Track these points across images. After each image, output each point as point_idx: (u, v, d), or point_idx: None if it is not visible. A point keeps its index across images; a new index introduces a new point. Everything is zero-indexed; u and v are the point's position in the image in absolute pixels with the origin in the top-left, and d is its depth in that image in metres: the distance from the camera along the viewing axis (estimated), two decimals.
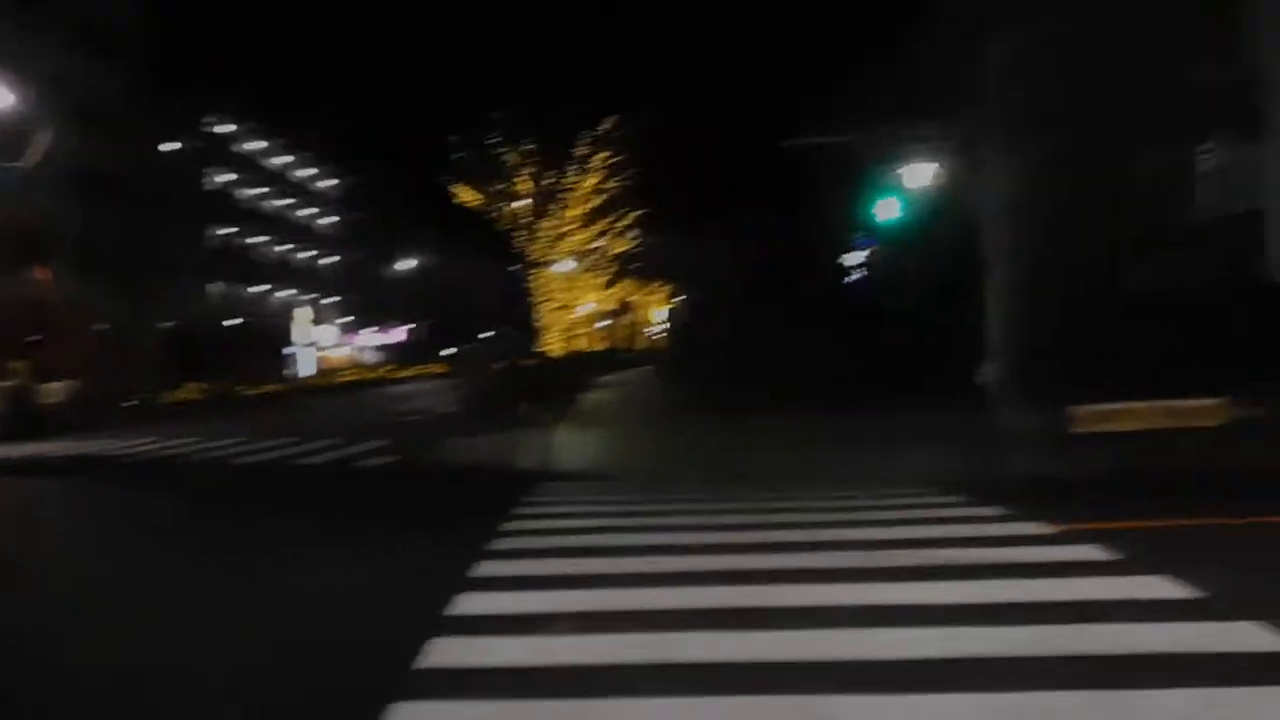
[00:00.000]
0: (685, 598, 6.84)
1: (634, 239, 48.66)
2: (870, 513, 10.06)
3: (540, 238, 41.46)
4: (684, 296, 45.54)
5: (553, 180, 40.46)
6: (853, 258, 41.41)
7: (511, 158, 39.72)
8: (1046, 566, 7.46)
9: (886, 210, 18.81)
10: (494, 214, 41.30)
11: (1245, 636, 5.69)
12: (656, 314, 69.84)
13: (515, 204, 40.50)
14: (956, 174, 19.23)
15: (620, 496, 12.04)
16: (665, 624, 6.23)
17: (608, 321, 67.58)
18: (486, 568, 8.02)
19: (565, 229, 41.72)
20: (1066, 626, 5.92)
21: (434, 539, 9.75)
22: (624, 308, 69.17)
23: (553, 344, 44.37)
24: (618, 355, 63.96)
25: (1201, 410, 14.01)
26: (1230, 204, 19.55)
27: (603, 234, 44.29)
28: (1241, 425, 13.86)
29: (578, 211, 41.57)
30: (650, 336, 73.52)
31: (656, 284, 68.23)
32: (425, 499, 13.31)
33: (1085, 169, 20.39)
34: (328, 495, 14.12)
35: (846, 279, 40.74)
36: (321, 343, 68.23)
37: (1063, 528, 8.87)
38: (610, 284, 51.90)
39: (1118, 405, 14.26)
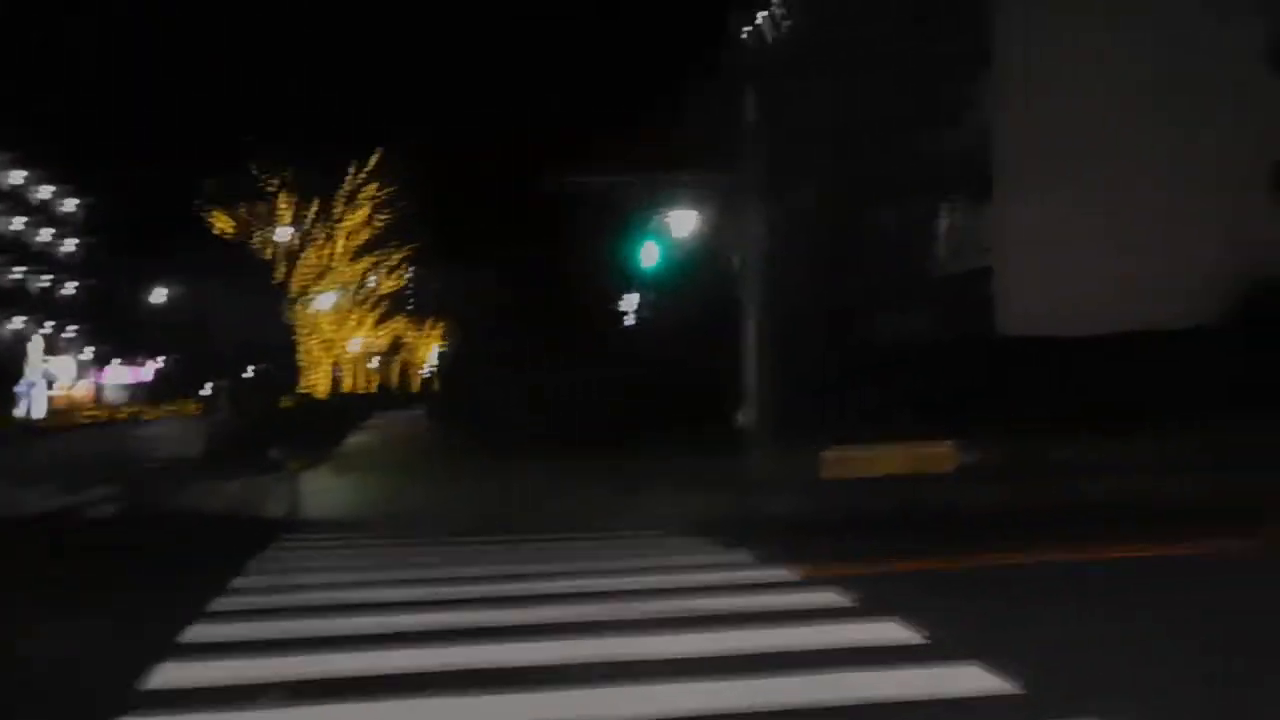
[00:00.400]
0: (421, 659, 6.40)
1: (405, 276, 47.53)
2: (622, 560, 9.96)
3: (304, 270, 39.67)
4: (454, 337, 44.87)
5: (317, 211, 38.92)
6: (628, 301, 42.10)
7: (271, 185, 37.91)
8: (785, 614, 7.51)
9: (650, 256, 19.12)
10: (254, 244, 39.24)
11: (967, 679, 5.83)
12: (430, 353, 68.46)
13: (276, 234, 38.57)
14: (718, 223, 19.83)
15: (369, 546, 11.50)
16: (394, 690, 5.77)
17: (378, 361, 65.58)
18: (200, 631, 7.28)
19: (331, 262, 40.15)
20: (796, 676, 5.89)
21: (148, 598, 8.82)
22: (396, 346, 67.36)
23: (318, 383, 42.45)
24: (389, 395, 62.19)
25: (935, 455, 14.93)
26: (965, 261, 21.08)
27: (372, 269, 42.96)
28: (968, 469, 14.90)
29: (345, 245, 40.13)
30: (424, 376, 71.95)
31: (430, 323, 66.94)
32: (150, 551, 12.20)
33: (835, 223, 21.57)
34: (34, 549, 12.65)
35: (619, 322, 41.28)
36: (58, 378, 62.55)
37: (806, 572, 9.03)
38: (381, 321, 50.39)
39: (862, 450, 14.97)
